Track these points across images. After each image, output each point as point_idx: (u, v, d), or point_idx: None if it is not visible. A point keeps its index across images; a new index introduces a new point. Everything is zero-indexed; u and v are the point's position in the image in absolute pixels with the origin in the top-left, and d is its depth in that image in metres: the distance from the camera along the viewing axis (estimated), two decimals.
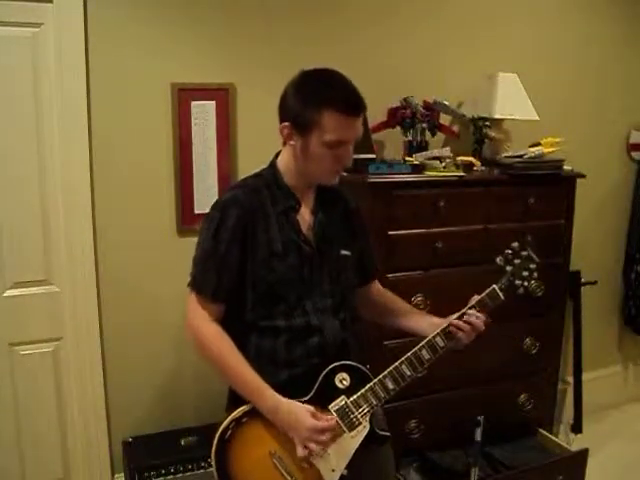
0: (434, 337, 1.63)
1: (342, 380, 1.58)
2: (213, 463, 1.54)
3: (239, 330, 1.59)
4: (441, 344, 1.62)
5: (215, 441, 1.54)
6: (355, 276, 1.76)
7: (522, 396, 2.79)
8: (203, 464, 2.29)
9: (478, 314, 1.63)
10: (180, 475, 2.27)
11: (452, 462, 2.57)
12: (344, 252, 1.69)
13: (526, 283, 1.68)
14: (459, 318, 1.64)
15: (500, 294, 1.65)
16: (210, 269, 1.57)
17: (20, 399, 2.41)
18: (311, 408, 1.53)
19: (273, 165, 1.68)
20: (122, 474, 2.46)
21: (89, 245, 2.38)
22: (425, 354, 1.61)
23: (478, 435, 2.06)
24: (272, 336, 1.59)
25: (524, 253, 1.69)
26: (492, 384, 2.68)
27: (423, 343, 1.62)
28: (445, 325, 1.64)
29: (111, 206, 2.41)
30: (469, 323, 1.62)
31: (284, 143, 1.63)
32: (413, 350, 1.62)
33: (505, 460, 2.61)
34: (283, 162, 1.65)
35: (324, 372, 1.58)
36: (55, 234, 2.37)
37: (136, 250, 2.46)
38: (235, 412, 1.55)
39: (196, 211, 2.51)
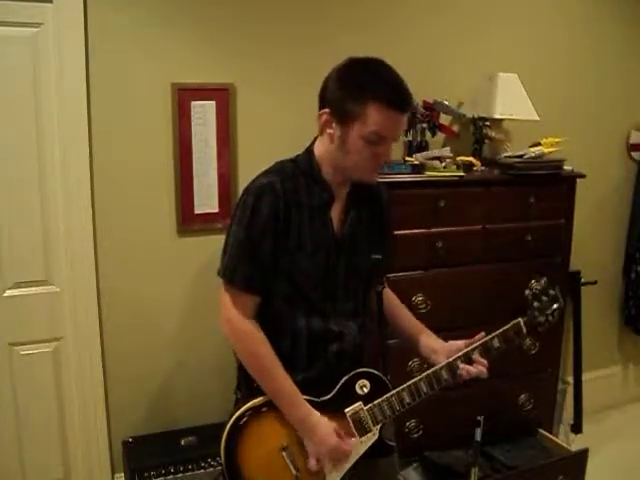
0: (455, 360, 1.61)
1: (363, 387, 1.59)
2: (222, 447, 1.52)
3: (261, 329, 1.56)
4: (444, 377, 1.61)
5: (228, 425, 1.52)
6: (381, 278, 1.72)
7: (522, 396, 2.79)
8: (203, 464, 2.29)
9: (484, 361, 1.62)
10: (180, 475, 2.27)
11: (452, 462, 2.57)
12: (375, 256, 1.64)
13: (550, 319, 1.65)
14: (466, 357, 1.61)
15: (524, 328, 1.63)
16: (243, 258, 1.52)
17: (20, 399, 2.41)
18: (335, 426, 1.53)
19: (310, 152, 1.59)
20: (122, 474, 2.46)
21: (89, 245, 2.38)
22: (444, 374, 1.61)
23: (478, 435, 2.06)
24: (291, 339, 1.57)
25: (552, 292, 1.66)
26: (492, 384, 2.67)
27: (443, 364, 1.61)
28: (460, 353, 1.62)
29: (111, 206, 2.41)
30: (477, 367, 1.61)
31: (321, 131, 1.56)
32: (433, 369, 1.61)
33: (505, 460, 2.62)
34: (319, 151, 1.58)
35: (347, 377, 1.58)
36: (55, 234, 2.37)
37: (136, 250, 2.46)
38: (256, 400, 1.54)
39: (196, 211, 2.51)
